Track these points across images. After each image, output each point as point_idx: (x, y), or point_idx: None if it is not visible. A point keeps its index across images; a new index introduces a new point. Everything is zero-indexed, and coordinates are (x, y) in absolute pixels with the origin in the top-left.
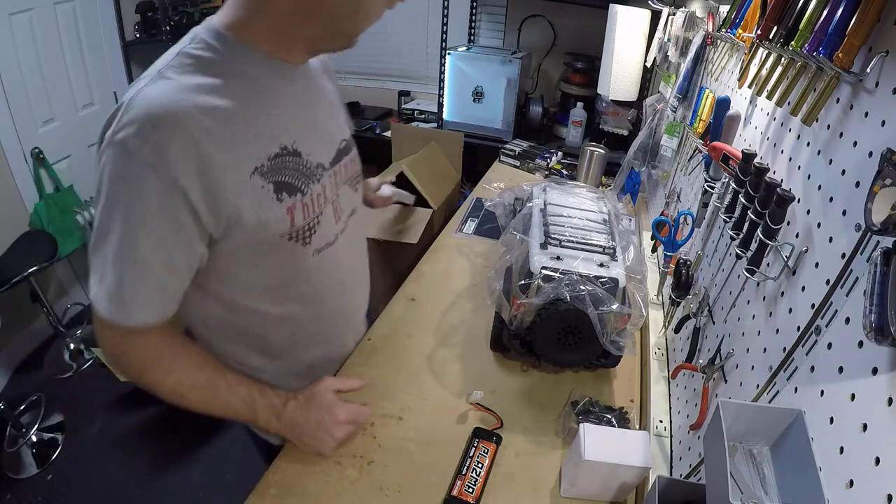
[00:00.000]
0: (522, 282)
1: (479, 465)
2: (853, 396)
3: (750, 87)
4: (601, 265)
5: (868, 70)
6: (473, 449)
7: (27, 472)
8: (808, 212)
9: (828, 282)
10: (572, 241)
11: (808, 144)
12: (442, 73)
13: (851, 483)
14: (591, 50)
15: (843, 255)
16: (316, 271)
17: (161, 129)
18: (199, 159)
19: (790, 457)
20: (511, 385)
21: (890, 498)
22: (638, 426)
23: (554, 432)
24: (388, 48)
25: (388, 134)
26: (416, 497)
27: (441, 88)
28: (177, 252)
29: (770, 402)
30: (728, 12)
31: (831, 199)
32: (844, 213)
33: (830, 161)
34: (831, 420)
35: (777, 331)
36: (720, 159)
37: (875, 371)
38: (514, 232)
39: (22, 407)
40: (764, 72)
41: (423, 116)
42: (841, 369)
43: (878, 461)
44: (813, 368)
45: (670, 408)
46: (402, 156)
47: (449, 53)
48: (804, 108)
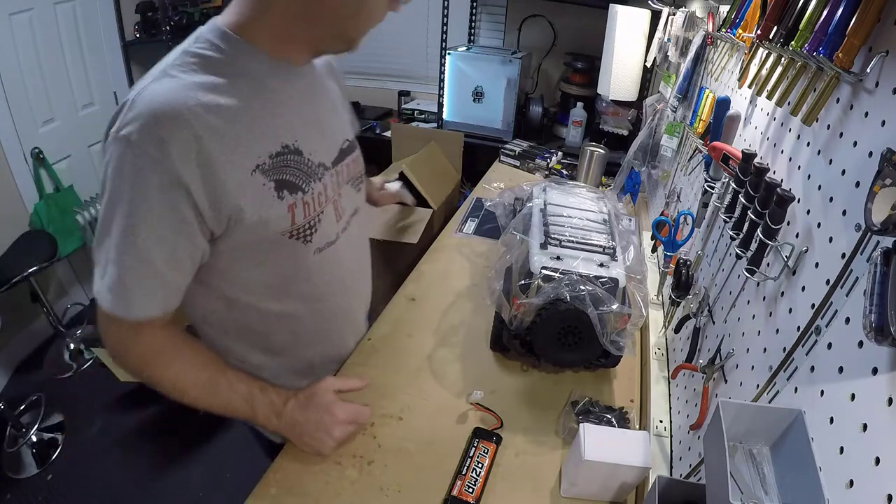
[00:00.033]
0: (522, 282)
1: (479, 465)
2: (853, 396)
3: (750, 87)
4: (601, 265)
5: (868, 70)
6: (473, 449)
7: (27, 472)
8: (808, 212)
9: (828, 282)
10: (572, 241)
11: (808, 144)
12: (442, 73)
13: (851, 483)
14: (591, 50)
15: (843, 255)
16: (317, 270)
17: (164, 125)
18: (200, 156)
19: (790, 457)
20: (511, 385)
21: (890, 498)
22: (638, 426)
23: (554, 432)
24: (388, 48)
25: (388, 134)
26: (416, 497)
27: (441, 88)
28: (179, 246)
29: (770, 402)
30: (728, 12)
31: (831, 199)
32: (844, 213)
33: (830, 161)
34: (831, 420)
35: (777, 331)
36: (720, 159)
37: (875, 371)
38: (514, 232)
39: (22, 407)
40: (764, 72)
41: (423, 116)
42: (841, 369)
43: (878, 461)
44: (813, 368)
45: (670, 408)
46: (402, 156)
47: (449, 53)
48: (804, 108)
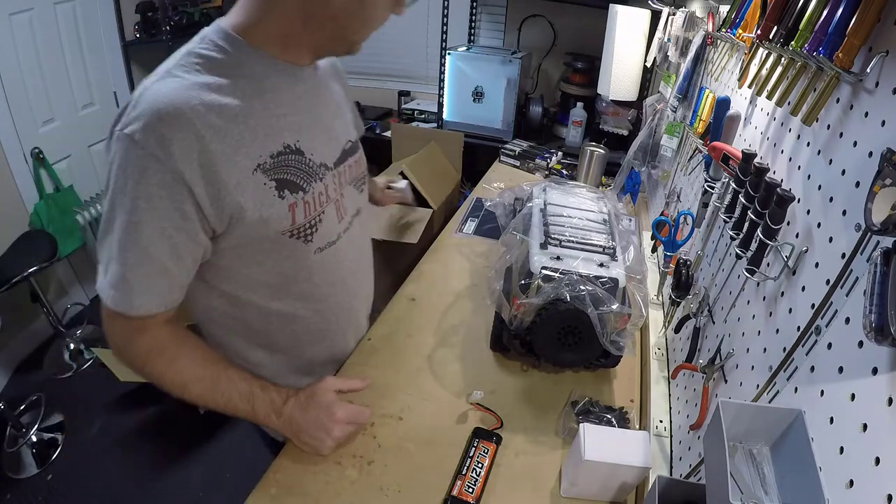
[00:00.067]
0: (522, 282)
1: (479, 465)
2: (853, 396)
3: (750, 87)
4: (601, 265)
5: (868, 70)
6: (473, 449)
7: (27, 472)
8: (808, 212)
9: (828, 282)
10: (572, 241)
11: (808, 144)
12: (442, 73)
13: (851, 483)
14: (591, 50)
15: (843, 255)
16: (318, 269)
17: (166, 123)
18: (202, 155)
19: (790, 457)
20: (511, 385)
21: (890, 498)
22: (638, 426)
23: (554, 432)
24: (388, 48)
25: (388, 134)
26: (416, 497)
27: (441, 88)
28: (180, 243)
29: (770, 402)
30: (728, 12)
31: (831, 199)
32: (844, 213)
33: (830, 161)
34: (831, 420)
35: (777, 331)
36: (720, 159)
37: (875, 371)
38: (514, 232)
39: (22, 407)
40: (764, 72)
41: (423, 116)
42: (841, 369)
43: (878, 461)
44: (813, 368)
45: (670, 408)
46: (402, 156)
47: (449, 53)
48: (804, 108)
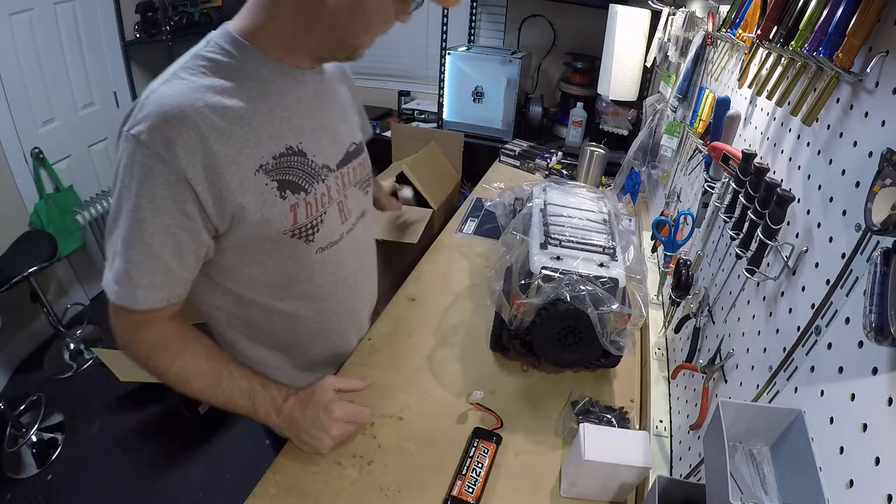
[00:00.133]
0: (522, 282)
1: (479, 465)
2: (853, 396)
3: (750, 87)
4: (601, 265)
5: (868, 70)
6: (473, 449)
7: (27, 472)
8: (808, 212)
9: (828, 282)
10: (572, 241)
11: (808, 144)
12: (442, 73)
13: (851, 483)
14: (591, 50)
15: (843, 255)
16: (319, 269)
17: (171, 125)
18: (206, 156)
19: (790, 457)
20: (511, 385)
21: (890, 498)
22: (638, 426)
23: (554, 432)
24: (388, 48)
25: (388, 134)
26: (416, 497)
27: (441, 88)
28: (183, 241)
29: (770, 402)
30: (728, 12)
31: (831, 199)
32: (844, 213)
33: (830, 161)
34: (831, 420)
35: (777, 331)
36: (720, 159)
37: (875, 371)
38: (514, 232)
39: (22, 407)
40: (764, 72)
41: (423, 116)
42: (841, 369)
43: (878, 461)
44: (813, 368)
45: (670, 408)
46: (402, 156)
47: (449, 53)
48: (804, 108)
